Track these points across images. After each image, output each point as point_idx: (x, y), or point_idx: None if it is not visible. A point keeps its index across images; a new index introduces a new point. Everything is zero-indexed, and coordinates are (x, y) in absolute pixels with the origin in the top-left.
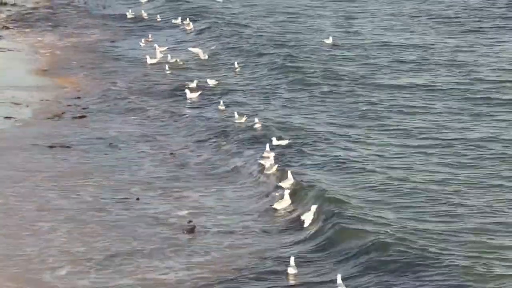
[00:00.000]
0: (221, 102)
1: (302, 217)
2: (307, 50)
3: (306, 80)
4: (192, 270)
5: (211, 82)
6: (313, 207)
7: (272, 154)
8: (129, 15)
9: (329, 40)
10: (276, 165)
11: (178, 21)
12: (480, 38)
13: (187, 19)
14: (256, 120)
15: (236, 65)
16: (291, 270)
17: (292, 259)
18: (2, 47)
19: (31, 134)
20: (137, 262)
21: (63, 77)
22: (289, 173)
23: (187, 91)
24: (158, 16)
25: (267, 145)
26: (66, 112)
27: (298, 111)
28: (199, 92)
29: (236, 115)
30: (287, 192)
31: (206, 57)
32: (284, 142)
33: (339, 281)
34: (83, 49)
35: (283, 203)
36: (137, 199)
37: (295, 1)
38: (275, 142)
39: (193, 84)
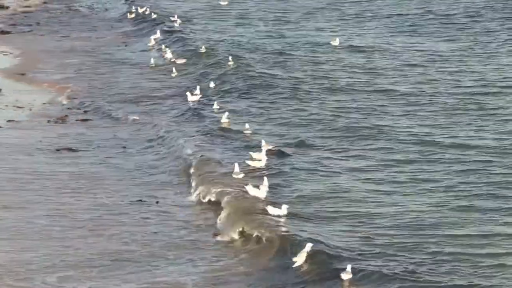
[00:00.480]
0: (215, 104)
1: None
2: (313, 52)
3: (305, 85)
4: (212, 274)
5: (211, 84)
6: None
7: (265, 158)
8: (130, 15)
9: (336, 42)
10: (242, 173)
11: (175, 18)
12: (488, 41)
13: (176, 16)
14: (247, 125)
15: (230, 59)
16: (345, 276)
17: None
18: (4, 51)
19: (36, 138)
20: (154, 265)
21: (64, 81)
22: (265, 179)
23: (188, 94)
24: (152, 13)
25: (263, 149)
26: (69, 115)
27: (293, 117)
28: (200, 95)
29: (224, 118)
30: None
31: (203, 50)
32: (269, 147)
33: (348, 269)
34: (84, 53)
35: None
36: (157, 202)
37: (301, 3)
38: (263, 145)
39: (197, 91)
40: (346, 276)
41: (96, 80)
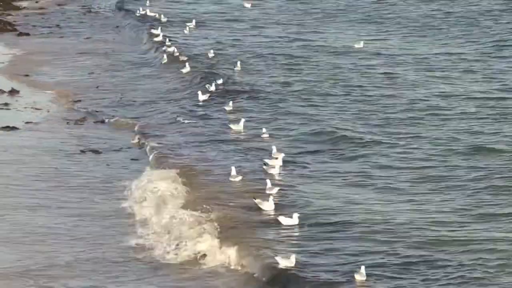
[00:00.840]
0: (230, 103)
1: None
2: (333, 55)
3: (321, 88)
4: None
5: (220, 81)
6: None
7: (280, 163)
8: (139, 12)
9: (360, 45)
10: (240, 176)
11: (192, 24)
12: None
13: (194, 22)
14: (264, 130)
15: (238, 65)
16: (359, 277)
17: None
18: (22, 52)
19: (59, 139)
20: (185, 268)
21: (79, 82)
22: (268, 181)
23: (199, 93)
24: (162, 16)
25: (280, 157)
26: (86, 117)
27: (307, 122)
28: (210, 94)
29: (240, 125)
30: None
31: (211, 54)
32: (281, 155)
33: (362, 270)
34: (99, 54)
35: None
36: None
37: (322, 5)
38: (274, 152)
39: (212, 87)
40: (359, 277)
41: (108, 82)
